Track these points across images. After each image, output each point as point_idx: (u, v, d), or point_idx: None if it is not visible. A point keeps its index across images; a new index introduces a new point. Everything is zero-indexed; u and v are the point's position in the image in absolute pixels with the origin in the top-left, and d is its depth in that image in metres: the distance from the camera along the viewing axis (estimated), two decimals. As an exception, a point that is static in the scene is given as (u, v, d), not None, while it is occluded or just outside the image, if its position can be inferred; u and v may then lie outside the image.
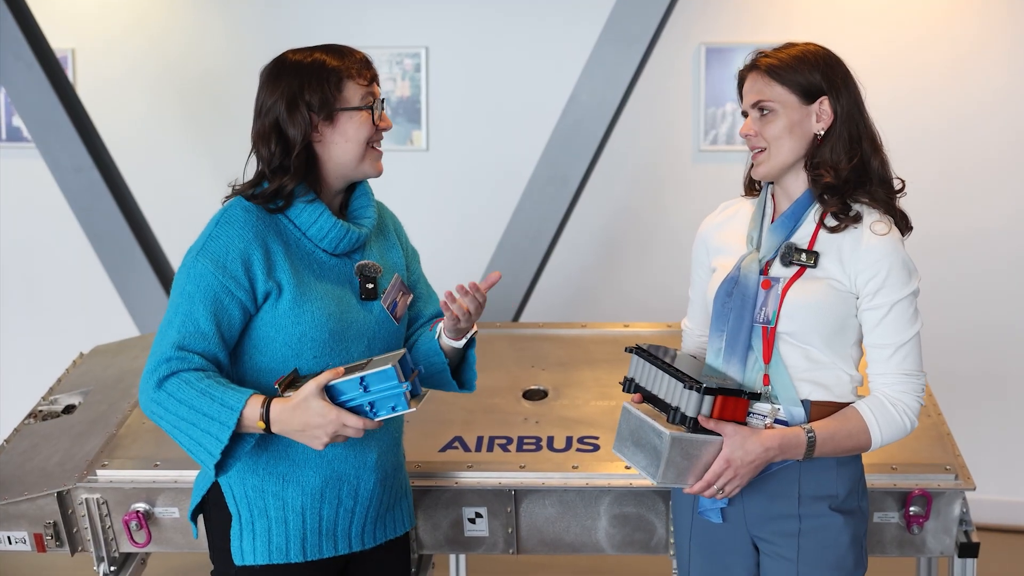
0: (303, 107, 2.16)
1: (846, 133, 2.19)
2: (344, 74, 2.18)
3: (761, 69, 2.21)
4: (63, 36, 5.23)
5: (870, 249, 2.15)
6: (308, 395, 2.07)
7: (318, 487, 2.23)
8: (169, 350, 2.11)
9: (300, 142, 2.17)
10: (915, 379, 2.19)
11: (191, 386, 2.08)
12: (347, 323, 2.22)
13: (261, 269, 2.15)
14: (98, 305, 5.35)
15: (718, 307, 2.26)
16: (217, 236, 2.16)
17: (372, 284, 2.27)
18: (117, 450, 2.92)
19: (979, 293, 4.90)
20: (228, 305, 2.14)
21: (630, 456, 2.19)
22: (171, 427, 2.12)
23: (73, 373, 3.47)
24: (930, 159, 4.81)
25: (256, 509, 2.22)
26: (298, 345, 2.18)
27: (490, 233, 4.85)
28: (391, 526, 2.38)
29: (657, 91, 4.98)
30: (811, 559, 2.21)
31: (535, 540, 2.85)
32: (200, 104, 5.28)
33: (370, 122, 2.21)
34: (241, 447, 2.13)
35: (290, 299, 2.16)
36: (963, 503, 2.76)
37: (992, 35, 4.80)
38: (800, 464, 2.20)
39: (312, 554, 2.24)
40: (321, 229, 2.21)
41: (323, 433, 2.07)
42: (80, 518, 2.84)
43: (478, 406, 3.10)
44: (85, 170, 4.63)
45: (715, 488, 2.14)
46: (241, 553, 2.22)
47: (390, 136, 5.05)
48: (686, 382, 2.10)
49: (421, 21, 5.13)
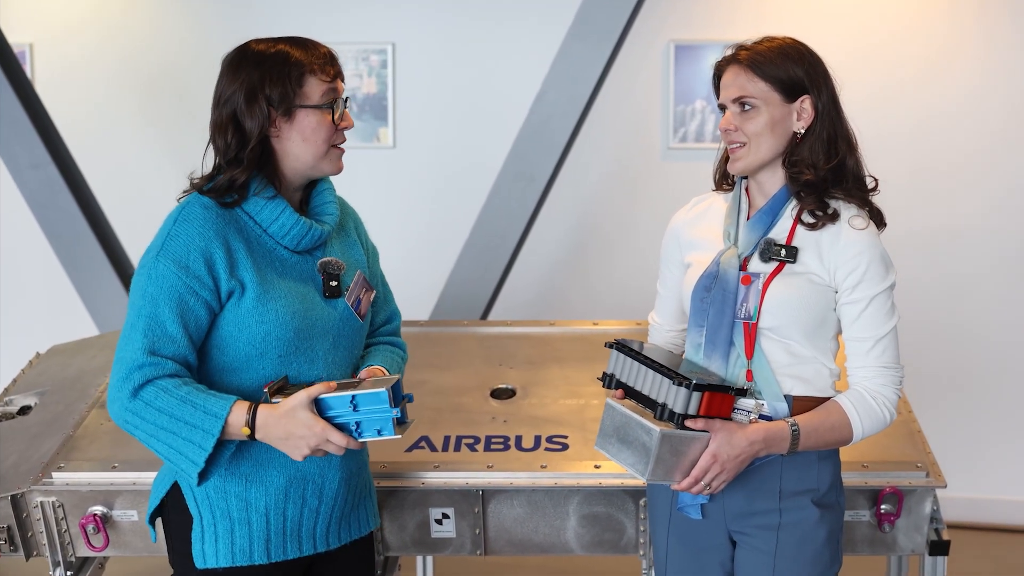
0: (262, 100, 2.11)
1: (825, 133, 2.19)
2: (306, 69, 2.13)
3: (743, 63, 2.19)
4: (21, 31, 5.14)
5: (849, 244, 2.16)
6: (297, 405, 2.04)
7: (282, 487, 2.19)
8: (140, 356, 2.05)
9: (256, 136, 2.11)
10: (893, 371, 2.20)
11: (169, 394, 2.04)
12: (312, 321, 2.17)
13: (224, 267, 2.10)
14: (57, 304, 5.26)
15: (696, 303, 2.24)
16: (177, 235, 2.10)
17: (336, 281, 2.23)
18: (74, 452, 2.85)
19: (951, 290, 4.92)
20: (194, 306, 2.09)
21: (615, 453, 2.16)
22: (149, 436, 2.06)
23: (29, 373, 3.39)
24: (900, 158, 4.82)
25: (218, 510, 2.17)
26: (262, 344, 2.13)
27: (458, 231, 4.82)
28: (355, 526, 2.34)
29: (626, 88, 4.95)
30: (789, 553, 2.21)
31: (503, 541, 2.81)
32: (160, 99, 5.20)
33: (329, 121, 2.16)
34: (222, 454, 2.11)
35: (253, 297, 2.11)
36: (934, 501, 2.76)
37: (963, 33, 4.81)
38: (782, 459, 2.20)
39: (276, 555, 2.20)
40: (283, 226, 2.16)
41: (305, 445, 2.05)
42: (35, 522, 2.78)
43: (445, 405, 3.06)
44: (43, 167, 4.57)
45: (702, 484, 2.13)
46: (203, 556, 2.18)
47: (356, 134, 5.08)
48: (674, 378, 2.08)
49: (388, 17, 5.08)
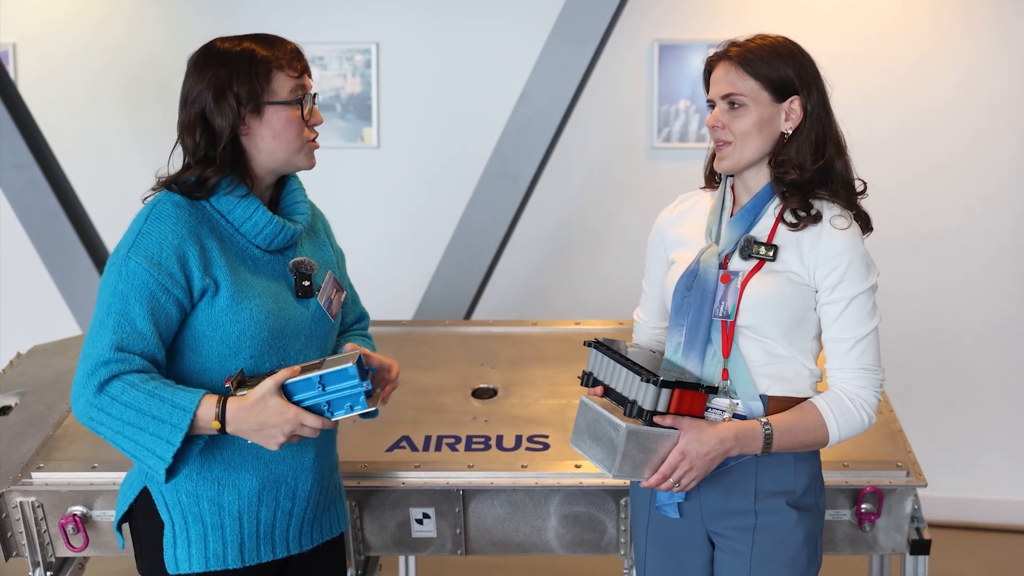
0: (231, 98, 2.09)
1: (813, 134, 2.17)
2: (273, 65, 2.12)
3: (734, 59, 2.18)
4: (4, 31, 5.13)
5: (830, 243, 2.15)
6: (265, 393, 2.01)
7: (255, 490, 2.17)
8: (107, 352, 2.02)
9: (227, 134, 2.10)
10: (873, 374, 2.18)
11: (136, 388, 2.01)
12: (285, 320, 2.16)
13: (197, 266, 2.08)
14: (39, 304, 5.24)
15: (677, 301, 2.23)
16: (149, 232, 2.08)
17: (308, 281, 2.22)
18: (54, 452, 2.84)
19: (936, 291, 4.93)
20: (165, 304, 2.06)
21: (587, 449, 2.16)
22: (114, 433, 2.03)
23: (10, 373, 3.38)
24: (886, 160, 4.83)
25: (191, 515, 2.15)
26: (236, 343, 2.11)
27: (441, 231, 4.81)
28: (327, 527, 2.33)
29: (610, 88, 4.96)
30: (765, 555, 2.20)
31: (484, 541, 2.81)
32: (144, 99, 5.18)
33: (299, 117, 2.15)
34: (191, 450, 2.07)
35: (228, 296, 2.10)
36: (915, 500, 2.76)
37: (947, 35, 4.82)
38: (757, 459, 2.19)
39: (250, 559, 2.18)
40: (256, 225, 2.15)
41: (280, 432, 2.02)
42: (15, 522, 2.77)
43: (426, 405, 3.06)
44: (25, 167, 4.56)
45: (671, 481, 2.11)
46: (175, 561, 2.15)
47: (340, 133, 5.08)
48: (643, 375, 2.08)
49: (372, 17, 5.08)
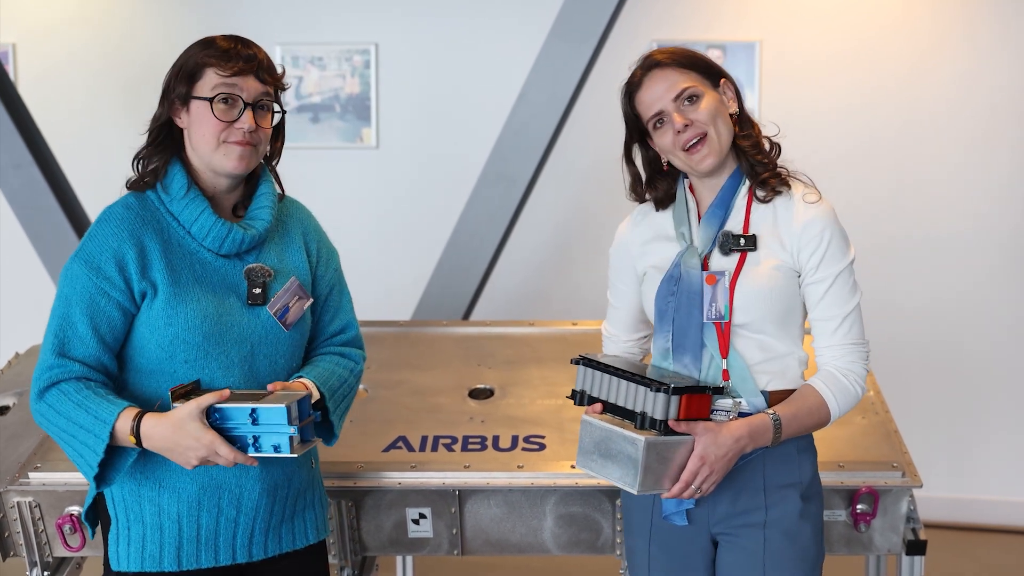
0: (171, 90, 2.18)
1: (745, 113, 2.26)
2: (204, 62, 2.15)
3: (667, 64, 2.23)
4: (3, 31, 5.13)
5: (808, 222, 2.17)
6: (186, 416, 2.02)
7: (195, 494, 2.16)
8: (50, 358, 2.09)
9: (163, 118, 2.18)
10: (861, 348, 2.21)
11: (69, 397, 2.07)
12: (226, 327, 2.14)
13: (135, 268, 2.10)
14: (37, 304, 5.23)
15: (661, 307, 2.23)
16: (93, 236, 2.13)
17: (260, 288, 2.19)
18: (51, 452, 2.85)
19: (932, 292, 4.93)
20: (105, 307, 2.10)
21: (599, 469, 2.11)
22: (56, 438, 2.11)
23: (8, 373, 3.39)
24: (886, 160, 4.81)
25: (132, 514, 2.17)
26: (170, 347, 2.12)
27: (440, 231, 4.80)
28: (288, 538, 2.27)
29: (608, 88, 4.92)
30: (776, 548, 2.20)
31: (480, 541, 2.81)
32: (143, 99, 5.13)
33: (211, 114, 2.14)
34: (123, 460, 2.10)
35: (164, 300, 2.11)
36: (910, 500, 2.76)
37: (947, 35, 4.82)
38: (763, 454, 2.19)
39: (188, 563, 2.17)
40: (202, 227, 2.15)
41: (193, 456, 2.03)
42: (12, 522, 2.78)
43: (423, 405, 3.06)
44: (25, 166, 4.55)
45: (693, 488, 2.10)
46: (117, 559, 2.18)
47: (339, 134, 5.07)
48: (651, 385, 2.06)
49: (371, 18, 5.07)
